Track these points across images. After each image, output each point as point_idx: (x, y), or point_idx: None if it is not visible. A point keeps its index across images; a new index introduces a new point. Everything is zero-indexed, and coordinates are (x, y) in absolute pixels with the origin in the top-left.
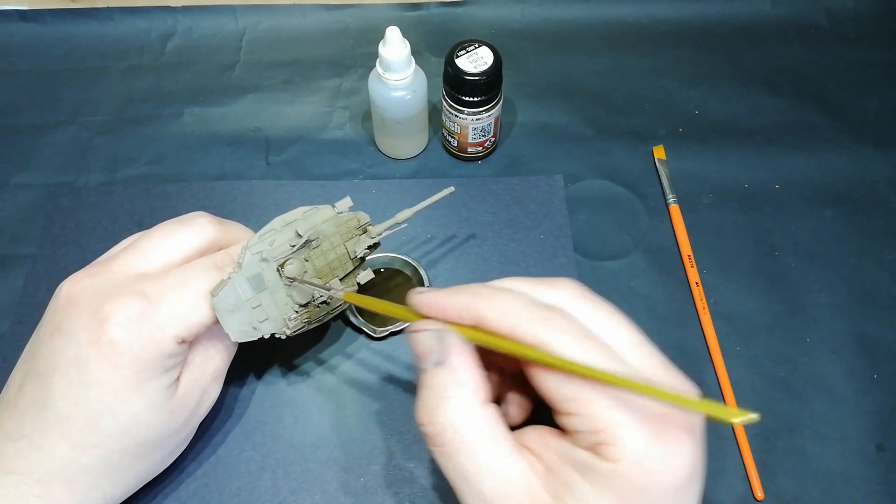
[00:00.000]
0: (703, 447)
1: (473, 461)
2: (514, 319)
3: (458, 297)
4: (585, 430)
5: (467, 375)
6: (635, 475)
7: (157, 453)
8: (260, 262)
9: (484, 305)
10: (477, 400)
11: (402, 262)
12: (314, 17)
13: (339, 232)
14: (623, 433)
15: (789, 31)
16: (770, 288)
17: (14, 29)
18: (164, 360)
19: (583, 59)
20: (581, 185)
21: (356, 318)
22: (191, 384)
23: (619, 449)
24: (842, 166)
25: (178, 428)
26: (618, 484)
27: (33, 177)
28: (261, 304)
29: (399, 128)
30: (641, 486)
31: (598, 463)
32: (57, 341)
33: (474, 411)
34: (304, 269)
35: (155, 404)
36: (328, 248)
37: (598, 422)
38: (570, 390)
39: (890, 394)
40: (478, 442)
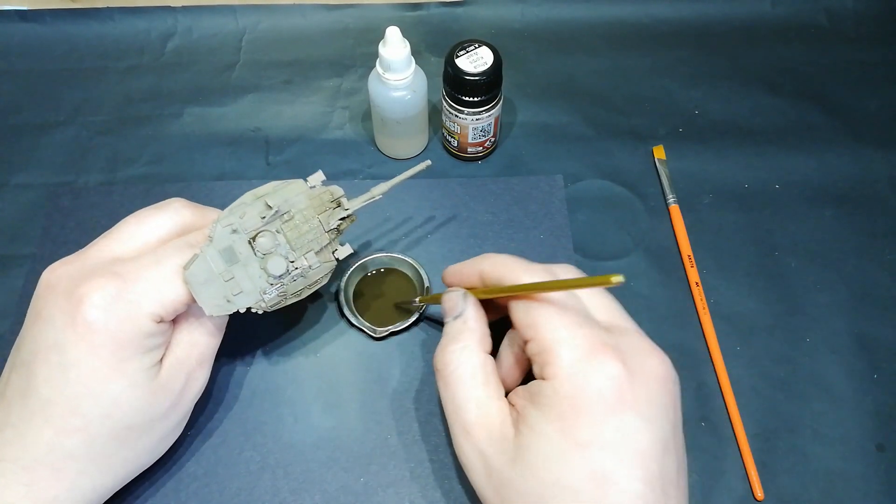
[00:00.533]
0: (635, 374)
1: (465, 392)
2: (501, 267)
3: (471, 263)
4: (537, 352)
5: (476, 325)
6: (567, 391)
7: (144, 439)
8: (231, 235)
9: (485, 264)
10: (480, 347)
11: (402, 262)
12: (314, 17)
13: (313, 205)
14: (559, 350)
15: (789, 31)
16: (770, 288)
17: (14, 29)
18: (143, 340)
19: (583, 59)
20: (581, 185)
21: (356, 318)
22: (175, 367)
23: (554, 367)
24: (842, 166)
25: (163, 412)
26: (556, 402)
27: (33, 177)
28: (234, 277)
29: (399, 128)
30: (574, 403)
31: (542, 385)
32: (37, 328)
33: (475, 354)
34: (277, 242)
35: (136, 385)
36: (301, 221)
37: (543, 342)
38: (528, 316)
39: (890, 394)
40: (471, 378)
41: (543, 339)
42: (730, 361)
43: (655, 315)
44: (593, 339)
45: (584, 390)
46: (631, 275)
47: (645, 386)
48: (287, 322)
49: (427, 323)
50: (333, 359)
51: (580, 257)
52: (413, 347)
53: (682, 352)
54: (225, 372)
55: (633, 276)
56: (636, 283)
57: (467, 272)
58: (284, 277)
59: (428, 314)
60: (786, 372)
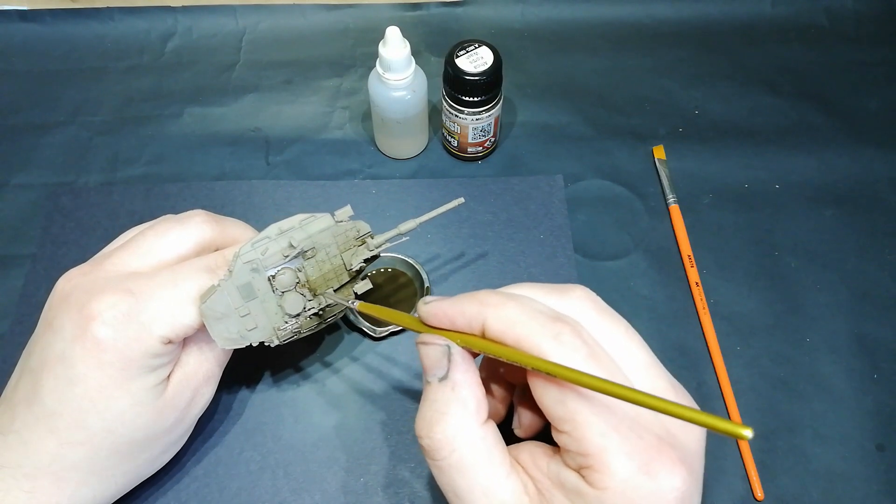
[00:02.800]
0: (698, 477)
1: (467, 480)
2: (520, 330)
3: (466, 307)
4: (575, 451)
5: (469, 394)
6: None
7: (146, 453)
8: (251, 272)
9: (491, 314)
10: (476, 420)
11: (403, 262)
12: (314, 17)
13: (337, 242)
14: (611, 461)
15: (789, 31)
16: (770, 288)
17: (14, 29)
18: (150, 360)
19: (583, 59)
20: (581, 185)
21: (356, 318)
22: (182, 384)
23: (605, 476)
24: (842, 166)
25: (167, 428)
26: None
27: (33, 177)
28: (250, 313)
29: (399, 128)
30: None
31: (585, 488)
32: (47, 338)
33: (473, 431)
34: (297, 280)
35: (141, 403)
36: (324, 259)
37: (588, 445)
38: (566, 410)
39: (890, 394)
40: (473, 462)
41: (587, 441)
42: (730, 361)
43: (655, 315)
44: (649, 445)
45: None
46: (631, 275)
47: (698, 482)
48: None
49: None
50: (333, 359)
51: (580, 257)
52: (413, 347)
53: (682, 352)
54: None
55: (633, 276)
56: (636, 283)
57: (461, 320)
58: (301, 315)
59: None
60: (786, 372)
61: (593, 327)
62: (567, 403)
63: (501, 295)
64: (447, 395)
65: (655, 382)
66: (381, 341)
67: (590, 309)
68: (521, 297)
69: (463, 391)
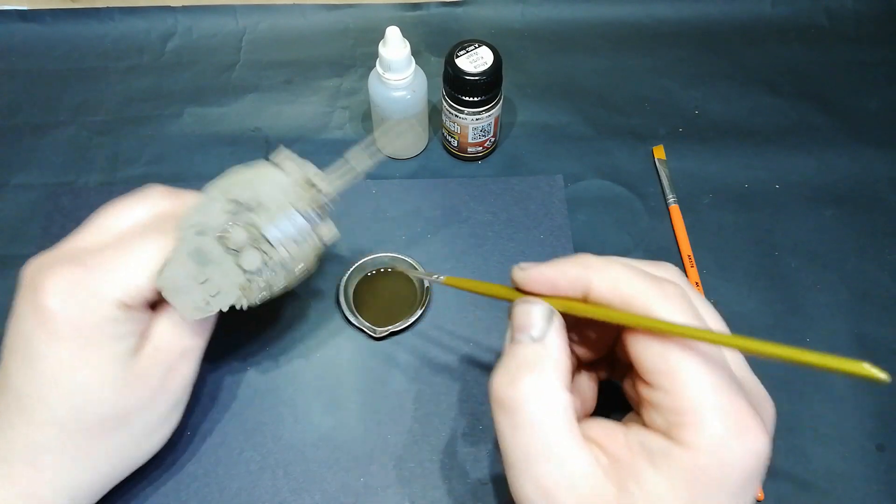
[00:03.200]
0: (771, 450)
1: (542, 441)
2: (626, 288)
3: (568, 269)
4: (668, 406)
5: (562, 356)
6: (710, 464)
7: (122, 432)
8: (197, 236)
9: (596, 276)
10: (564, 383)
11: (402, 262)
12: (314, 17)
13: (285, 192)
14: (706, 417)
15: (789, 31)
16: (770, 288)
17: (14, 29)
18: (108, 328)
19: (583, 59)
20: (581, 185)
21: (356, 318)
22: (152, 357)
23: (697, 434)
24: (842, 166)
25: (140, 404)
26: (690, 472)
27: (33, 177)
28: (208, 279)
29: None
30: (713, 476)
31: (672, 448)
32: (10, 322)
33: (558, 392)
34: (251, 235)
35: (104, 374)
36: (275, 209)
37: (684, 400)
38: (667, 364)
39: (890, 394)
40: (552, 423)
41: (684, 397)
42: None
43: None
44: (742, 408)
45: (729, 466)
46: None
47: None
48: (287, 322)
49: (428, 322)
50: (333, 359)
51: None
52: (413, 347)
53: None
54: (225, 372)
55: None
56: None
57: (563, 282)
58: (263, 272)
59: (428, 314)
60: (786, 372)
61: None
62: (668, 358)
63: (603, 258)
64: (539, 352)
65: (737, 359)
66: (382, 341)
67: (680, 280)
68: (622, 260)
69: (556, 352)
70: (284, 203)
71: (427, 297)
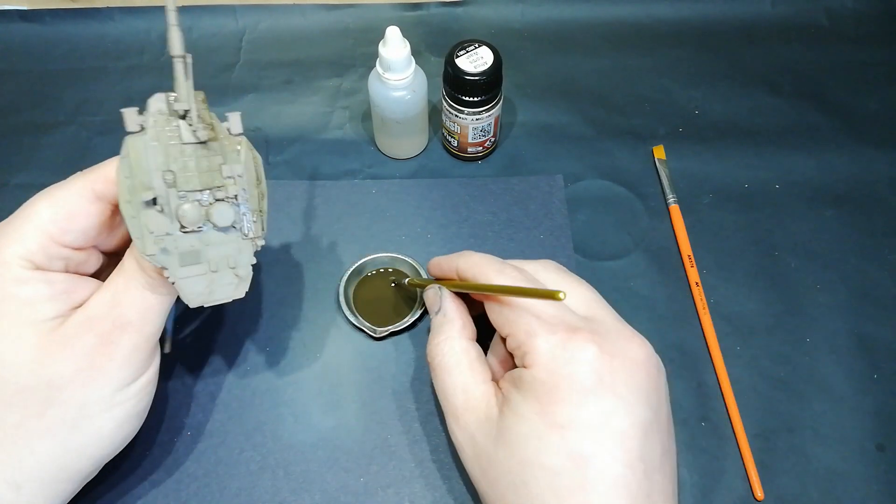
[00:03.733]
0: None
1: (451, 379)
2: (477, 270)
3: (449, 257)
4: (515, 346)
5: (455, 317)
6: (546, 376)
7: (52, 409)
8: (164, 253)
9: (461, 261)
10: (461, 335)
11: (402, 262)
12: (314, 17)
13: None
14: (536, 342)
15: (789, 31)
16: (770, 288)
17: (14, 29)
18: (16, 289)
19: (583, 59)
20: (581, 185)
21: (356, 318)
22: (81, 325)
23: (533, 355)
24: (842, 166)
25: (67, 374)
26: (536, 387)
27: (33, 177)
28: (208, 261)
29: (399, 128)
30: (552, 386)
31: (522, 372)
32: None
33: (457, 342)
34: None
35: (19, 338)
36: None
37: (521, 336)
38: (505, 319)
39: (890, 394)
40: (457, 365)
41: (519, 333)
42: (730, 361)
43: (655, 315)
44: (568, 327)
45: (561, 374)
46: (631, 275)
47: (623, 369)
48: (287, 322)
49: (428, 322)
50: (333, 359)
51: (580, 257)
52: (413, 347)
53: (682, 352)
54: (225, 372)
55: (633, 276)
56: (636, 283)
57: (446, 266)
58: (243, 220)
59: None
60: (786, 372)
61: (545, 276)
62: (505, 313)
63: (470, 251)
64: (441, 319)
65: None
66: (381, 341)
67: (548, 266)
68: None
69: (451, 314)
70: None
71: None
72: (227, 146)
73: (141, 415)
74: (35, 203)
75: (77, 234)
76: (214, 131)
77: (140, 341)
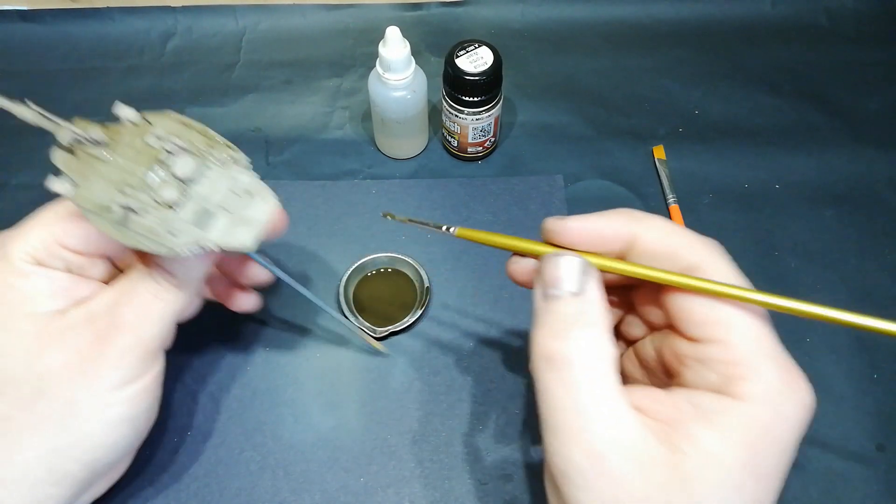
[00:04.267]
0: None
1: (595, 399)
2: (673, 240)
3: (612, 220)
4: (722, 358)
5: (605, 310)
6: (765, 416)
7: (42, 403)
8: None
9: (642, 227)
10: (611, 339)
11: (402, 262)
12: (314, 17)
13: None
14: (761, 367)
15: (789, 31)
16: (770, 288)
17: (14, 29)
18: (20, 282)
19: (583, 59)
20: (581, 185)
21: (356, 317)
22: (79, 321)
23: (752, 384)
24: (842, 166)
25: (57, 370)
26: (745, 425)
27: (33, 177)
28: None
29: (399, 128)
30: (769, 429)
31: (727, 403)
32: None
33: (608, 346)
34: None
35: (15, 330)
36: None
37: (738, 351)
38: (718, 315)
39: (890, 394)
40: (605, 380)
41: (739, 346)
42: None
43: None
44: (788, 360)
45: (784, 418)
46: None
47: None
48: (287, 322)
49: (428, 322)
50: (333, 359)
51: None
52: (413, 347)
53: None
54: (225, 372)
55: None
56: None
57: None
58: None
59: (428, 314)
60: None
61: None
62: (719, 309)
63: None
64: (583, 306)
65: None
66: (381, 341)
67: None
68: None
69: (599, 307)
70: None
71: (427, 297)
72: (137, 129)
73: (134, 421)
74: (47, 206)
75: (79, 238)
76: (108, 128)
77: (135, 343)
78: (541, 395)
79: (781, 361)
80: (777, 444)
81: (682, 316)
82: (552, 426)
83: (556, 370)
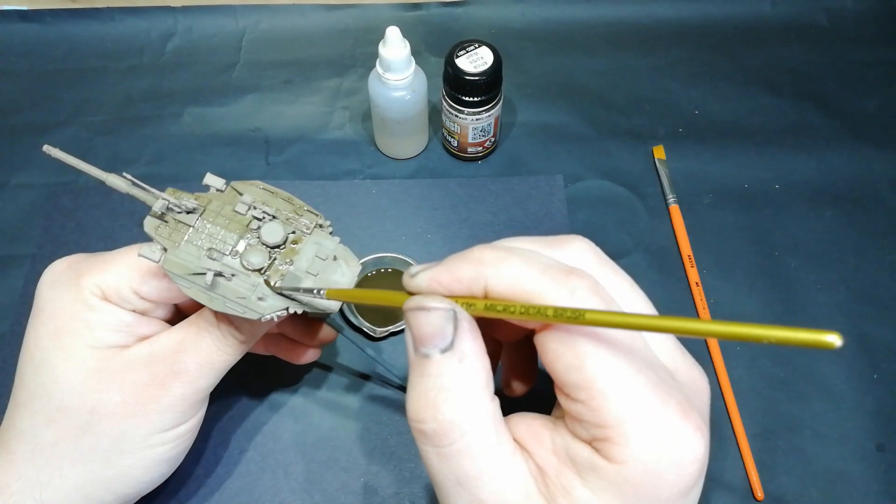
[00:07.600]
0: (708, 445)
1: (476, 464)
2: (530, 287)
3: (462, 271)
4: (591, 421)
5: (479, 366)
6: (641, 478)
7: (90, 435)
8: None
9: (492, 274)
10: (487, 395)
11: (402, 262)
12: (314, 17)
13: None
14: (632, 432)
15: (789, 31)
16: (770, 288)
17: (14, 29)
18: (85, 313)
19: (583, 59)
20: (581, 185)
21: (356, 317)
22: (139, 360)
23: (625, 449)
24: (842, 166)
25: (111, 405)
26: (620, 487)
27: (33, 177)
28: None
29: (399, 128)
30: (646, 489)
31: (600, 463)
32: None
33: (484, 408)
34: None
35: (73, 360)
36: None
37: (607, 416)
38: (582, 377)
39: (890, 394)
40: (484, 443)
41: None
42: (730, 361)
43: None
44: (671, 412)
45: (660, 477)
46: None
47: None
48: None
49: None
50: (333, 359)
51: None
52: None
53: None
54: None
55: (633, 277)
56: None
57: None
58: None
59: None
60: (786, 372)
61: (597, 277)
62: (584, 370)
63: (500, 250)
64: (454, 368)
65: (664, 342)
66: (381, 340)
67: (593, 262)
68: (522, 251)
69: (473, 363)
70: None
71: None
72: (225, 196)
73: (173, 461)
74: (133, 247)
75: (155, 290)
76: (198, 197)
77: (190, 392)
78: (423, 461)
79: (659, 418)
80: (660, 499)
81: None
82: (438, 488)
83: (432, 444)
